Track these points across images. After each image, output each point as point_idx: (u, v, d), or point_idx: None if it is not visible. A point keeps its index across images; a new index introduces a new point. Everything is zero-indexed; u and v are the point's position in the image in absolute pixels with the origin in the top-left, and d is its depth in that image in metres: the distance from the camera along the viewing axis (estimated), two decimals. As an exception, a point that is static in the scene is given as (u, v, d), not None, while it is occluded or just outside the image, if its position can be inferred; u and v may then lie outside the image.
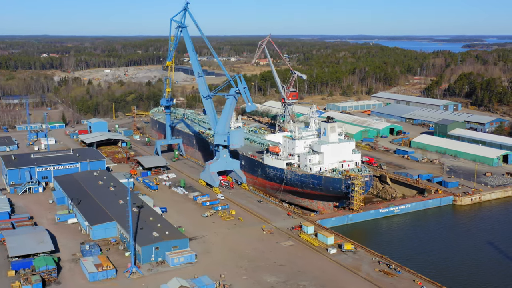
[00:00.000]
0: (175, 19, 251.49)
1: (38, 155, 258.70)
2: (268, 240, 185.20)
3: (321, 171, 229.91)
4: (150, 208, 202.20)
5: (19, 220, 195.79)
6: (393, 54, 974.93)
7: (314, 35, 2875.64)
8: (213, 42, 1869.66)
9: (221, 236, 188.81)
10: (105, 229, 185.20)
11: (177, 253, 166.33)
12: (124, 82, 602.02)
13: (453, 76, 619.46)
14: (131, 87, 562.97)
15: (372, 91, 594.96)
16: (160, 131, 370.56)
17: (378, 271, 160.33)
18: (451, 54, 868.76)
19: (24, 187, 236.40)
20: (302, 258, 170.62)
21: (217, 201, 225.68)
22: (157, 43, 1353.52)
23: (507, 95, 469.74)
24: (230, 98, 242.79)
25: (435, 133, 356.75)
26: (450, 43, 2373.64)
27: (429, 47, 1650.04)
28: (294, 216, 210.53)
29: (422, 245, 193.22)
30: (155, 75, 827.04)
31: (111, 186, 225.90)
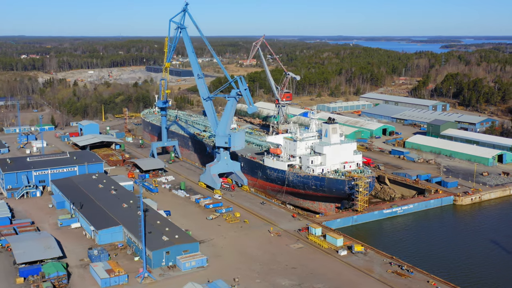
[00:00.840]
0: (174, 20, 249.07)
1: (34, 159, 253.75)
2: (277, 243, 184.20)
3: (323, 172, 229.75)
4: (155, 212, 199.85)
5: (21, 225, 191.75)
6: (376, 55, 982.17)
7: (294, 36, 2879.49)
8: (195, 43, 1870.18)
9: (229, 239, 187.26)
10: (112, 234, 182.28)
11: (188, 257, 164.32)
12: (110, 84, 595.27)
13: (439, 76, 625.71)
14: (118, 88, 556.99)
15: (360, 91, 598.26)
16: (152, 133, 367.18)
17: (390, 272, 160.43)
18: (434, 55, 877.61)
19: (22, 191, 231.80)
20: (313, 260, 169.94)
21: (220, 204, 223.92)
22: (139, 44, 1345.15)
23: (494, 95, 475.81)
24: (231, 99, 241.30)
25: (428, 133, 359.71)
26: (428, 43, 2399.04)
27: (408, 47, 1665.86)
28: (300, 218, 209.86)
29: (429, 245, 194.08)
30: (140, 76, 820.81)
31: (112, 190, 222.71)
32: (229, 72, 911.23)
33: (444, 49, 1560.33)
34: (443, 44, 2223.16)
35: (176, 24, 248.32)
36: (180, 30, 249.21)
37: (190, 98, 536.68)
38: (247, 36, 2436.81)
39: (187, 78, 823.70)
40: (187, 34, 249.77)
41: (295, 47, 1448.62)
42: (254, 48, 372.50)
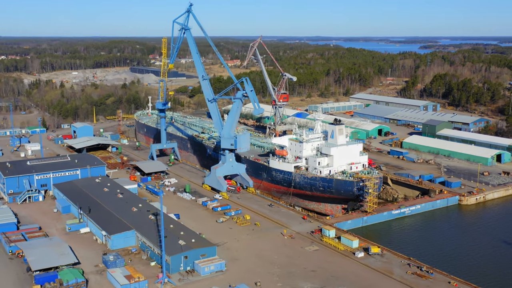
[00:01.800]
0: (178, 21, 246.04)
1: (34, 162, 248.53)
2: (292, 245, 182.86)
3: (330, 173, 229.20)
4: (167, 215, 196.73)
5: (29, 231, 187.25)
6: (361, 55, 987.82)
7: (273, 37, 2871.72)
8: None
9: (243, 242, 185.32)
10: (124, 239, 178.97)
11: (207, 262, 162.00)
12: (97, 85, 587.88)
13: (426, 77, 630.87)
14: (107, 90, 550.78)
15: (350, 92, 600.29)
16: (148, 135, 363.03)
17: (410, 274, 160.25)
18: (418, 56, 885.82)
19: (24, 196, 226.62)
20: (331, 262, 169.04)
21: (228, 206, 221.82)
22: (121, 45, 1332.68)
23: (484, 95, 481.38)
24: (237, 101, 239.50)
25: (424, 133, 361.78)
26: (407, 44, 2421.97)
27: (388, 48, 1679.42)
28: (310, 220, 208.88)
29: (442, 246, 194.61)
30: (125, 77, 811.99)
31: (118, 193, 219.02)
32: (214, 73, 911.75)
33: (423, 50, 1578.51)
34: (421, 44, 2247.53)
35: (180, 25, 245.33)
36: (184, 31, 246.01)
37: (180, 99, 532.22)
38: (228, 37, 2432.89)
39: (173, 79, 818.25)
40: (191, 35, 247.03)
41: (278, 48, 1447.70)
42: (251, 49, 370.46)
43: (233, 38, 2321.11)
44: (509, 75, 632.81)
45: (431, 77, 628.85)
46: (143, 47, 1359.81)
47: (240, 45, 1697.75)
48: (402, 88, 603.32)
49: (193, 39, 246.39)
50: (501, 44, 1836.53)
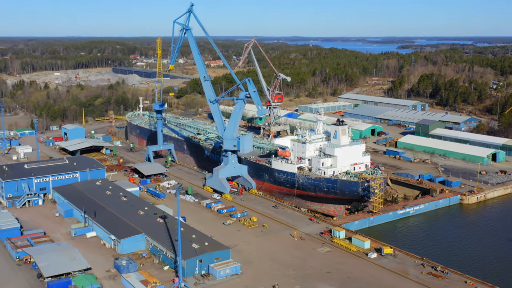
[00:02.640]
0: (178, 21, 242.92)
1: (32, 165, 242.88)
2: (303, 247, 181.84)
3: (335, 174, 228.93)
4: (174, 218, 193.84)
5: (34, 236, 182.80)
6: (344, 56, 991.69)
7: (251, 37, 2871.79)
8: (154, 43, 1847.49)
9: (253, 245, 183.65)
10: (134, 243, 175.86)
11: (222, 265, 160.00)
12: (83, 86, 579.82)
13: (411, 77, 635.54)
14: (93, 91, 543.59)
15: (337, 92, 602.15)
16: (141, 136, 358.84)
17: (426, 274, 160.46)
18: (401, 56, 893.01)
19: (23, 200, 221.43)
20: (345, 264, 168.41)
21: (233, 208, 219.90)
22: (101, 45, 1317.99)
23: (471, 95, 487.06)
24: (240, 102, 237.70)
25: (417, 133, 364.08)
26: (384, 44, 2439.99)
27: (365, 48, 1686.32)
28: (318, 221, 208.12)
29: (452, 245, 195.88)
30: (108, 78, 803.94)
31: (122, 196, 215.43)
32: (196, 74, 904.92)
33: (401, 50, 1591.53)
34: (399, 44, 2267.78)
35: (181, 25, 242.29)
36: (185, 31, 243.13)
37: (169, 100, 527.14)
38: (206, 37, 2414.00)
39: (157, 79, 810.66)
40: (192, 36, 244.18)
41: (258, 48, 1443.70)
42: (246, 50, 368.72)
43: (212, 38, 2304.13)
44: (492, 74, 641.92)
45: (417, 77, 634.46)
46: (123, 47, 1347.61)
47: (220, 45, 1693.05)
48: (389, 88, 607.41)
49: (194, 40, 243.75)
50: (477, 44, 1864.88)
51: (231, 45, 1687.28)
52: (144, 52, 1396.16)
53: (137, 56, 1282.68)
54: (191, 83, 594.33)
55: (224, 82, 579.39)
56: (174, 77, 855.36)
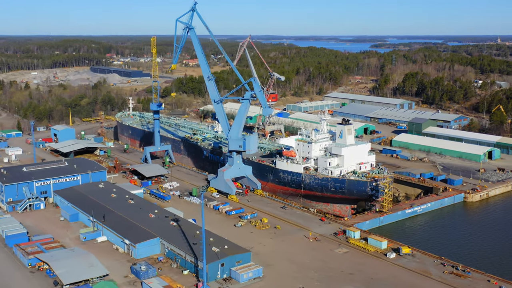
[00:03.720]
0: (181, 20, 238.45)
1: (31, 168, 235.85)
2: (321, 248, 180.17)
3: (342, 174, 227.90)
4: (187, 221, 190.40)
5: (44, 242, 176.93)
6: (323, 54, 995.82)
7: (224, 35, 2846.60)
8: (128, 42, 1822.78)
9: (270, 247, 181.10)
10: (149, 247, 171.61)
11: (244, 268, 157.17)
12: (65, 86, 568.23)
13: (394, 75, 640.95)
14: (76, 91, 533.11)
15: (323, 91, 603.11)
16: (133, 137, 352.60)
17: (447, 273, 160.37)
18: (382, 55, 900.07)
19: (25, 204, 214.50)
20: (365, 265, 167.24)
21: (242, 210, 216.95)
22: (76, 44, 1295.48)
23: (457, 93, 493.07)
24: (245, 102, 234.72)
25: (410, 131, 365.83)
26: (356, 43, 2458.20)
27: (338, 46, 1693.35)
28: (329, 222, 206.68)
29: (465, 243, 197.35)
30: (88, 77, 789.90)
31: (129, 199, 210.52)
32: (176, 73, 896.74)
33: (373, 48, 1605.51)
34: (372, 43, 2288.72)
35: (184, 24, 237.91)
36: (188, 30, 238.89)
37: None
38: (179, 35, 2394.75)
39: (138, 78, 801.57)
40: (195, 35, 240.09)
41: (235, 47, 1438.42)
42: (240, 49, 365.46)
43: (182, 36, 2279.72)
44: (473, 73, 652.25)
45: (399, 75, 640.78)
46: (98, 46, 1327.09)
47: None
48: (373, 86, 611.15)
49: (197, 39, 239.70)
50: (448, 43, 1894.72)
51: (207, 44, 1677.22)
52: (120, 51, 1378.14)
53: (113, 55, 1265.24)
54: (176, 83, 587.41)
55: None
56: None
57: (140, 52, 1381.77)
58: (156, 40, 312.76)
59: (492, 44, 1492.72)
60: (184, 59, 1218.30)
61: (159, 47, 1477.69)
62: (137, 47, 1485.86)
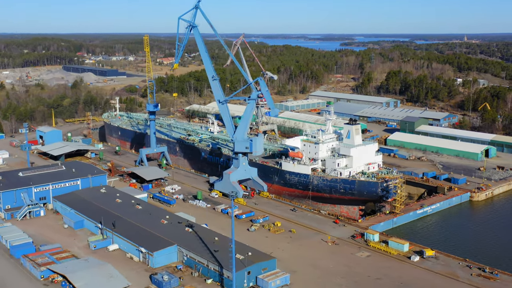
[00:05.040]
0: (184, 18, 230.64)
1: (28, 173, 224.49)
2: (341, 252, 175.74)
3: (351, 174, 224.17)
4: (201, 226, 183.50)
5: (53, 252, 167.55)
6: (299, 53, 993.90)
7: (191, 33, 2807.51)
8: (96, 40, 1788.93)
9: (289, 252, 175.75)
10: (167, 255, 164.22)
11: (271, 276, 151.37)
12: (43, 85, 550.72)
13: (374, 73, 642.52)
14: (55, 90, 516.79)
15: (306, 90, 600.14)
16: (123, 138, 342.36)
17: (476, 276, 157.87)
18: (359, 53, 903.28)
19: (24, 211, 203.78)
20: (391, 269, 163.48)
21: (252, 213, 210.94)
22: (45, 42, 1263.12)
23: (442, 91, 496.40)
24: (252, 102, 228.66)
25: (402, 130, 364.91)
26: (325, 41, 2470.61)
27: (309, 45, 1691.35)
28: (344, 224, 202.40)
29: (481, 243, 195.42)
30: (62, 76, 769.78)
31: (136, 204, 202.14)
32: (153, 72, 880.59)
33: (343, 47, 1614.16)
34: (341, 41, 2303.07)
35: (187, 22, 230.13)
36: (191, 29, 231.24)
37: (138, 100, 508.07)
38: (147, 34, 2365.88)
39: (114, 77, 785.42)
40: (199, 33, 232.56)
41: (210, 45, 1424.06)
42: (234, 47, 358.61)
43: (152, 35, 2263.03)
44: (451, 71, 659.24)
45: (380, 73, 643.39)
46: (68, 44, 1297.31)
47: (161, 41, 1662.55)
48: (357, 85, 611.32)
49: (201, 37, 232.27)
50: (415, 41, 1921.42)
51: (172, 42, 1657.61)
52: (91, 49, 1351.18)
53: (84, 54, 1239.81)
54: (157, 82, 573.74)
55: (193, 80, 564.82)
56: (130, 75, 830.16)
57: (112, 51, 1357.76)
58: (128, 39, 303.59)
59: (461, 42, 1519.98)
60: (157, 57, 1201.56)
61: (131, 45, 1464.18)
62: (108, 45, 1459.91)
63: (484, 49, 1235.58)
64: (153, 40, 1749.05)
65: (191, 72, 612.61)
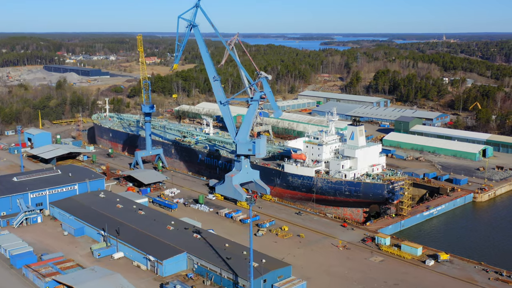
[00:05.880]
0: (184, 17, 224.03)
1: (23, 178, 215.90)
2: (354, 257, 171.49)
3: (355, 177, 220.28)
4: (209, 232, 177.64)
5: (57, 261, 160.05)
6: (283, 52, 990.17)
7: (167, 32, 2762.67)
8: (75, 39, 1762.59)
9: (300, 258, 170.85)
10: (176, 263, 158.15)
11: (287, 284, 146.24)
12: (27, 86, 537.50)
13: (361, 73, 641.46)
14: (40, 91, 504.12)
15: (294, 89, 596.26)
16: (115, 140, 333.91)
17: (493, 280, 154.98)
18: (343, 52, 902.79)
19: (21, 218, 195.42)
20: (407, 274, 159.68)
21: (257, 217, 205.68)
22: (24, 41, 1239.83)
23: (432, 91, 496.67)
24: (254, 103, 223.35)
25: (396, 130, 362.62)
26: (305, 40, 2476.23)
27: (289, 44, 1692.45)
28: (352, 228, 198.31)
29: (495, 246, 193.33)
30: (44, 77, 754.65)
31: (138, 210, 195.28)
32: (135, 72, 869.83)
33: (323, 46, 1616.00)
34: (321, 41, 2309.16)
35: (187, 21, 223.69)
36: (191, 28, 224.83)
37: (125, 100, 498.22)
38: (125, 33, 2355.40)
39: (97, 77, 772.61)
40: (199, 33, 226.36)
41: (190, 44, 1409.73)
42: (229, 47, 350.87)
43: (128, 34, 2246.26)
44: (437, 70, 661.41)
45: (367, 73, 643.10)
46: (48, 44, 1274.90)
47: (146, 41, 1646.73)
48: (345, 84, 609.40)
49: (201, 37, 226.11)
50: (394, 41, 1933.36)
51: (159, 42, 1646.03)
52: (71, 48, 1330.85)
53: (64, 53, 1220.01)
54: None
55: (180, 80, 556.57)
56: (113, 75, 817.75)
57: (92, 50, 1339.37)
58: (108, 38, 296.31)
59: (442, 42, 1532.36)
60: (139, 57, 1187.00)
61: (111, 45, 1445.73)
62: (87, 44, 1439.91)
63: (464, 49, 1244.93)
64: (133, 39, 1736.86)
65: (178, 72, 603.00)
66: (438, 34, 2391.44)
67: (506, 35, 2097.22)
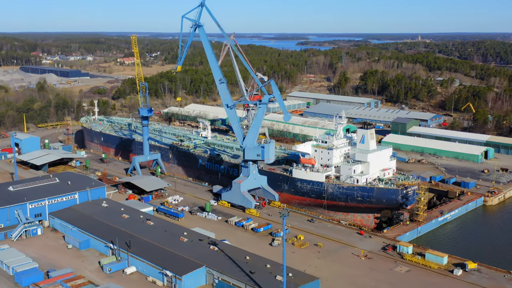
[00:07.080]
0: (188, 16, 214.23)
1: (20, 187, 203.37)
2: (378, 268, 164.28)
3: (367, 181, 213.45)
4: (226, 244, 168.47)
5: (66, 278, 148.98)
6: (265, 52, 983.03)
7: (145, 33, 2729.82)
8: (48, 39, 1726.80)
9: (322, 269, 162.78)
10: (195, 278, 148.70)
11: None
12: (7, 88, 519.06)
13: (347, 73, 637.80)
14: (21, 93, 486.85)
15: (283, 90, 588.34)
16: (106, 144, 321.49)
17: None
18: (325, 52, 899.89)
19: (20, 231, 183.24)
20: (436, 285, 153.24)
21: (269, 226, 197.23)
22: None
23: (422, 91, 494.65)
24: (263, 106, 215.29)
25: (395, 131, 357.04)
26: (280, 40, 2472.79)
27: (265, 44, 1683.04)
28: (370, 235, 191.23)
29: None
30: (22, 78, 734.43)
31: (147, 220, 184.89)
32: (116, 73, 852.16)
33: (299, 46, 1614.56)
34: (297, 41, 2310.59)
35: (192, 21, 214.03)
36: (196, 28, 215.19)
37: (111, 102, 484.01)
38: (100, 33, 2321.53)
39: (77, 78, 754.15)
40: (204, 33, 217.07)
41: (165, 44, 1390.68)
42: (225, 48, 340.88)
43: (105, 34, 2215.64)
44: (422, 70, 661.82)
45: (352, 73, 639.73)
46: (22, 44, 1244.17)
47: (116, 40, 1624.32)
48: (334, 85, 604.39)
49: (207, 37, 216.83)
50: (370, 41, 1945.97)
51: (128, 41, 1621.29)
52: (46, 49, 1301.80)
53: (40, 53, 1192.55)
54: (129, 83, 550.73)
55: (166, 81, 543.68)
56: (93, 76, 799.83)
57: (68, 50, 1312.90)
58: (82, 38, 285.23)
59: (418, 42, 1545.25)
60: (117, 57, 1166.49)
61: (87, 45, 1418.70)
62: (63, 45, 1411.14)
63: (442, 49, 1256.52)
64: (109, 39, 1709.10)
65: (163, 73, 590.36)
66: (413, 34, 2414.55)
67: (479, 35, 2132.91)
